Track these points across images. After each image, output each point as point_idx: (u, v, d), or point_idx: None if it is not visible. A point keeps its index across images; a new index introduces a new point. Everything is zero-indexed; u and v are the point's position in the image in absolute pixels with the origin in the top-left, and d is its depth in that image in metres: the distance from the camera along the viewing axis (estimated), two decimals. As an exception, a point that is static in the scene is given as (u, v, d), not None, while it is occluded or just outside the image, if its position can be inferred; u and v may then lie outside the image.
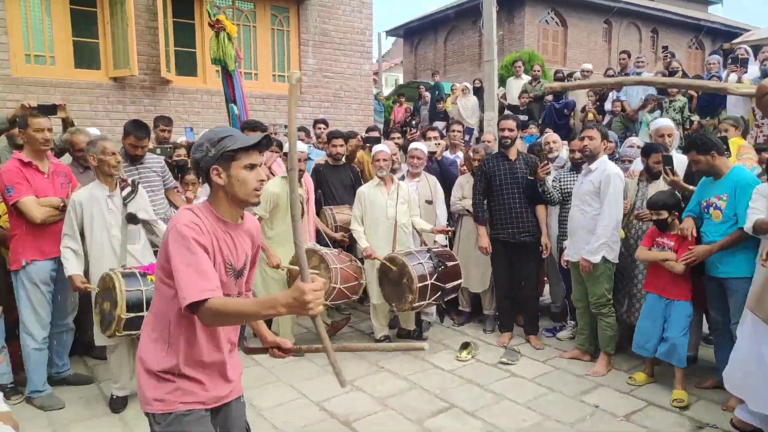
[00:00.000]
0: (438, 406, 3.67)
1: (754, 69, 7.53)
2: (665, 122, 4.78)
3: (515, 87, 10.40)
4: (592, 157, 4.15)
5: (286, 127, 6.72)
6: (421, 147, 5.09)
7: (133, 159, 4.14)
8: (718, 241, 3.49)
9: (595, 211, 4.06)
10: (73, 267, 3.37)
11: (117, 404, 3.55)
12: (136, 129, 4.08)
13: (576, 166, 4.69)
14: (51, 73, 7.18)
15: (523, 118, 9.18)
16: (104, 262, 3.39)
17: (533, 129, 8.30)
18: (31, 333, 3.53)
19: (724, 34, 20.30)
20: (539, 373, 4.18)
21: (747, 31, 20.10)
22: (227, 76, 6.02)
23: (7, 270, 3.62)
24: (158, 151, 4.85)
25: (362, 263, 4.67)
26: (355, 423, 3.43)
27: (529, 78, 10.29)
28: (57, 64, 7.26)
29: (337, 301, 4.50)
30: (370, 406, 3.66)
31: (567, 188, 4.65)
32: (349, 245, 5.00)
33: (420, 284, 4.19)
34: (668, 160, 3.91)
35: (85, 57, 7.49)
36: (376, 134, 6.21)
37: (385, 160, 4.64)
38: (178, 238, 1.76)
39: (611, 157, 4.67)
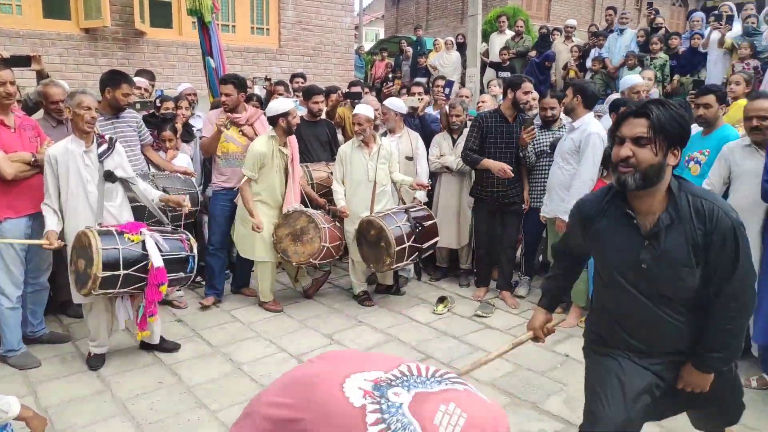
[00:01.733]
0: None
1: (737, 26, 7.53)
2: (638, 79, 4.79)
3: (498, 43, 10.26)
4: (570, 114, 4.16)
5: (266, 79, 6.59)
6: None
7: (119, 109, 4.07)
8: None
9: (573, 169, 4.10)
10: (50, 224, 3.30)
11: (95, 362, 3.57)
12: (127, 77, 4.05)
13: (546, 124, 4.69)
14: (18, 23, 6.89)
15: (506, 74, 9.11)
16: (80, 219, 3.34)
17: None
18: (5, 292, 3.45)
19: (709, -9, 20.11)
20: (513, 324, 4.30)
21: (732, -13, 19.94)
22: (204, 28, 5.87)
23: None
24: (138, 105, 4.74)
25: (340, 222, 4.69)
26: (333, 374, 3.52)
27: (512, 33, 10.15)
28: (24, 14, 6.96)
29: (325, 260, 4.53)
30: (348, 358, 3.74)
31: (540, 146, 4.66)
32: (329, 207, 5.00)
33: (398, 247, 4.22)
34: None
35: (55, 6, 7.19)
36: (357, 89, 6.11)
37: (361, 124, 4.46)
38: None
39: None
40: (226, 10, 8.44)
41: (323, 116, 5.41)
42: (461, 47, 10.77)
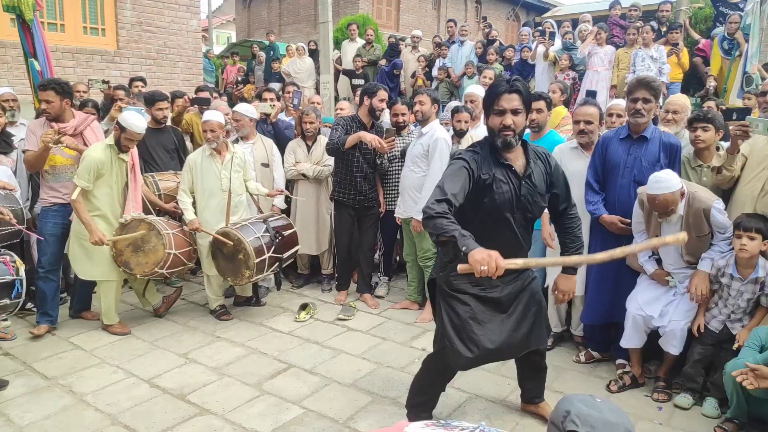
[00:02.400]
0: (276, 367, 3.71)
1: (558, 41, 8.48)
2: (475, 89, 5.20)
3: (350, 50, 10.47)
4: (424, 121, 4.38)
5: (104, 82, 6.06)
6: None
7: None
8: None
9: (423, 173, 4.31)
10: None
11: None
12: None
13: (398, 130, 4.91)
14: None
15: (359, 82, 9.34)
16: None
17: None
18: None
19: (536, 8, 22.37)
20: (373, 324, 4.42)
21: (554, 6, 22.39)
22: (24, 27, 5.23)
23: None
24: None
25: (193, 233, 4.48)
26: (190, 395, 3.34)
27: (363, 42, 10.43)
28: None
29: (174, 269, 4.27)
30: (205, 376, 3.58)
31: (392, 152, 4.86)
32: (180, 216, 4.73)
33: (257, 259, 4.12)
34: None
35: None
36: (206, 95, 5.87)
37: (213, 131, 4.28)
38: None
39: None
40: (53, 7, 7.66)
41: (168, 123, 5.12)
42: (314, 54, 10.83)
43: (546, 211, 3.74)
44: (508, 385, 3.46)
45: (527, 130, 4.16)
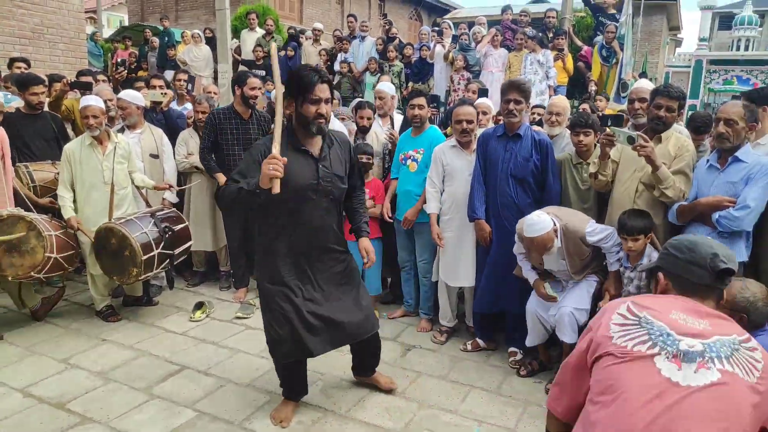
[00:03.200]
0: (168, 370, 3.53)
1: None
2: (385, 86, 5.24)
3: (249, 40, 10.18)
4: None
5: None
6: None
7: None
8: None
9: None
10: None
11: None
12: None
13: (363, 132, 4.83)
14: None
15: (261, 73, 9.09)
16: None
17: (270, 85, 8.27)
18: None
19: (438, 10, 23.01)
20: (273, 323, 4.33)
21: (455, 9, 23.17)
22: None
23: None
24: None
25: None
26: (70, 404, 3.10)
27: (263, 32, 10.18)
28: None
29: (53, 273, 3.93)
30: (88, 382, 3.34)
31: None
32: (58, 210, 4.36)
33: (145, 256, 3.89)
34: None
35: None
36: (88, 79, 5.44)
37: (95, 116, 3.98)
38: None
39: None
40: None
41: (46, 108, 4.69)
42: (211, 42, 10.40)
43: (434, 209, 3.91)
44: (407, 378, 3.54)
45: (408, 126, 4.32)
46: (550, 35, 8.27)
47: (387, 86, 5.23)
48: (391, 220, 4.31)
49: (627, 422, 1.45)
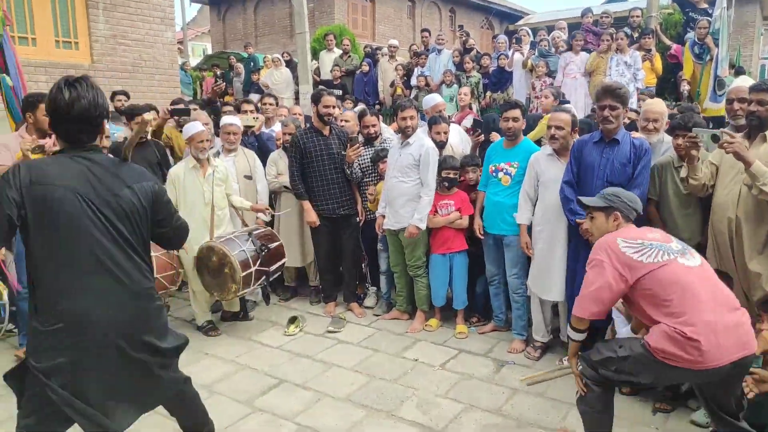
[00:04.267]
0: (267, 383, 3.65)
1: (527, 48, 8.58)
2: (438, 98, 5.24)
3: (328, 60, 10.48)
4: (412, 132, 4.40)
5: None
6: (236, 122, 4.89)
7: None
8: None
9: (414, 182, 4.32)
10: None
11: None
12: None
13: (368, 141, 4.92)
14: None
15: (338, 92, 9.33)
16: None
17: (349, 103, 8.47)
18: None
19: (510, 17, 22.71)
20: (364, 336, 4.39)
21: (527, 14, 22.76)
22: (-6, 42, 5.11)
23: None
24: None
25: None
26: (180, 415, 3.26)
27: (340, 52, 10.44)
28: None
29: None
30: (195, 394, 3.50)
31: (365, 162, 4.87)
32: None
33: (244, 272, 4.06)
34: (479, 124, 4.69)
35: None
36: (182, 106, 5.80)
37: (235, 133, 4.63)
38: None
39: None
40: (23, 20, 7.49)
41: (149, 137, 5.03)
42: (290, 64, 10.80)
43: (525, 219, 3.82)
44: (503, 394, 3.46)
45: (500, 137, 4.25)
46: (635, 35, 7.92)
47: (438, 98, 5.23)
48: (482, 236, 4.24)
49: (699, 290, 2.35)
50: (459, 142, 5.04)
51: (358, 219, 4.93)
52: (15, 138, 4.01)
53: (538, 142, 4.48)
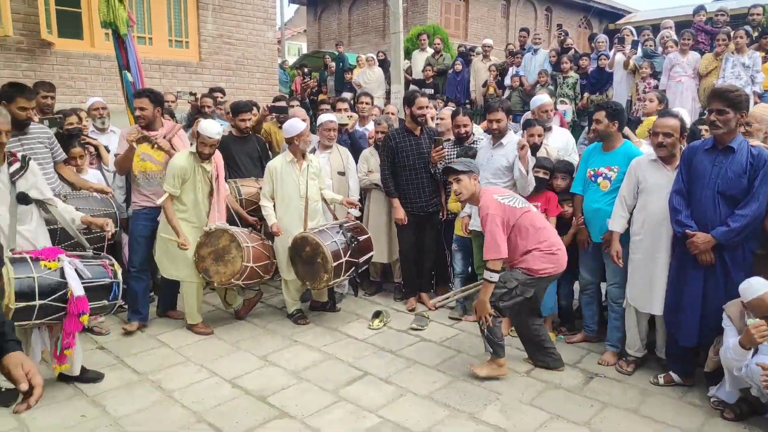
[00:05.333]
0: (352, 374, 3.74)
1: (639, 49, 8.15)
2: (546, 98, 5.08)
3: (420, 60, 10.53)
4: (501, 135, 4.36)
5: (191, 94, 6.35)
6: (334, 119, 5.04)
7: (21, 126, 3.74)
8: None
9: (506, 184, 4.26)
10: None
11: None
12: (23, 90, 3.71)
13: (460, 141, 4.88)
14: None
15: (429, 91, 9.35)
16: (-12, 245, 3.07)
17: (440, 103, 8.46)
18: None
19: (610, 15, 21.69)
20: (447, 336, 4.38)
21: (629, 12, 21.63)
22: (119, 41, 5.59)
23: None
24: (46, 122, 4.41)
25: (272, 240, 4.60)
26: (270, 397, 3.42)
27: (432, 51, 10.45)
28: None
29: (250, 281, 4.41)
30: (284, 379, 3.66)
31: (446, 161, 4.83)
32: (260, 226, 4.89)
33: (335, 263, 4.19)
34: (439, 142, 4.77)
35: (-52, 14, 6.61)
36: (283, 104, 6.06)
37: (334, 129, 4.80)
38: None
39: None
40: (142, 21, 8.11)
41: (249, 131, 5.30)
42: (383, 64, 10.95)
43: (619, 227, 3.64)
44: (591, 407, 3.33)
45: (597, 141, 4.07)
46: (755, 35, 7.31)
47: (545, 97, 5.06)
48: (585, 247, 4.08)
49: (545, 223, 3.73)
50: (563, 146, 4.90)
51: (440, 217, 4.94)
52: (130, 130, 4.36)
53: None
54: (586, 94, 8.17)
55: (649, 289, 3.59)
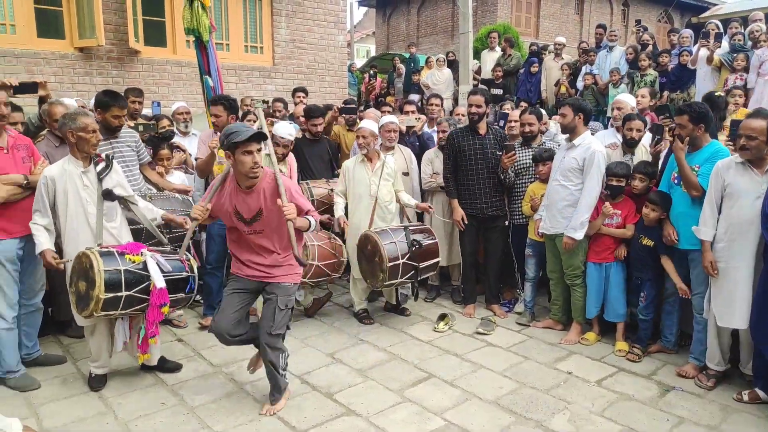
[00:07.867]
0: (417, 376, 3.75)
1: (724, 43, 7.66)
2: (625, 97, 4.90)
3: (490, 60, 10.38)
4: (572, 132, 4.20)
5: (264, 102, 6.59)
6: (395, 120, 5.07)
7: (112, 131, 4.03)
8: None
9: (576, 187, 4.13)
10: (44, 243, 3.27)
11: (96, 383, 3.53)
12: (117, 99, 3.99)
13: (526, 141, 4.76)
14: (12, 42, 6.89)
15: (498, 91, 9.21)
16: (80, 240, 3.31)
17: (508, 105, 8.30)
18: (1, 313, 3.42)
19: (692, 8, 20.54)
20: (514, 342, 4.31)
21: (714, 5, 20.37)
22: (201, 47, 5.88)
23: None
24: (141, 127, 4.70)
25: (343, 240, 4.69)
26: (337, 394, 3.50)
27: (501, 51, 10.28)
28: (18, 33, 6.96)
29: (317, 279, 4.52)
30: (350, 377, 3.73)
31: (520, 164, 4.75)
32: (329, 225, 4.99)
33: (390, 264, 4.20)
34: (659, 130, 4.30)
35: (49, 26, 7.20)
36: (353, 106, 6.16)
37: (364, 137, 4.52)
38: None
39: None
40: (220, 28, 8.49)
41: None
42: (452, 64, 10.88)
43: (709, 235, 3.42)
44: (668, 422, 3.18)
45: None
46: None
47: (628, 97, 4.85)
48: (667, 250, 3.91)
49: None
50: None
51: (506, 222, 4.86)
52: (209, 136, 4.57)
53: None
54: (666, 93, 7.77)
55: (732, 300, 3.38)
